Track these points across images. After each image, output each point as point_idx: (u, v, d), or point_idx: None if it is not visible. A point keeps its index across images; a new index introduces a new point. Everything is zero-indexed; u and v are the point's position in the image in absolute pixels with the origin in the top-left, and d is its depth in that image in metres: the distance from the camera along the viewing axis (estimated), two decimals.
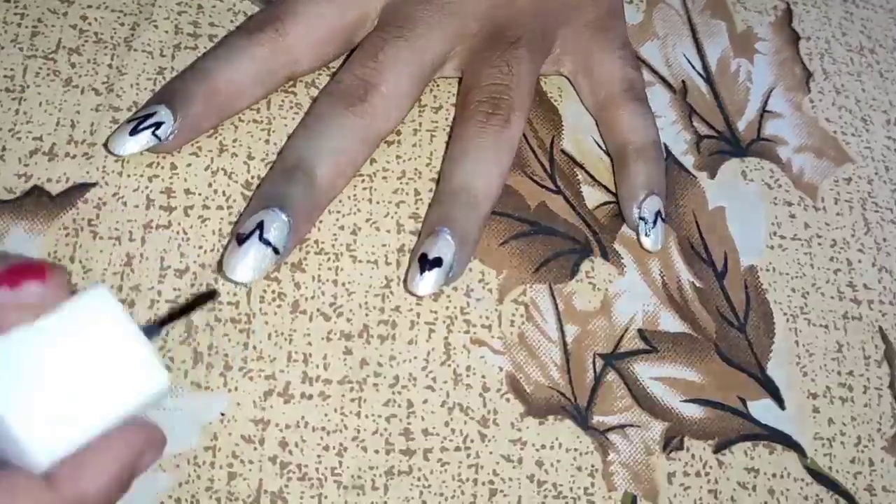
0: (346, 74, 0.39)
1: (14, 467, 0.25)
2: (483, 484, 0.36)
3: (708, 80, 0.48)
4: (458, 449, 0.36)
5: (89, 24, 0.41)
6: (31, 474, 0.24)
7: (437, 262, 0.36)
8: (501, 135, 0.39)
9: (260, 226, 0.35)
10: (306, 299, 0.37)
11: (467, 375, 0.37)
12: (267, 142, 0.40)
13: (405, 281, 0.38)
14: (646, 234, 0.40)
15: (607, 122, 0.43)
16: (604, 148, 0.44)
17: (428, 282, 0.36)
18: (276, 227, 0.35)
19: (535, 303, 0.39)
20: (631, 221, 0.41)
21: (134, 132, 0.36)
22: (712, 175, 0.44)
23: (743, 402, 0.39)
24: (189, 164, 0.39)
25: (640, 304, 0.40)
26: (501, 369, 0.38)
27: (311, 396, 0.36)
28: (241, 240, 0.35)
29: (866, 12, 0.53)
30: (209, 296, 0.29)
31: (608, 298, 0.40)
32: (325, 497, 0.34)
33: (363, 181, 0.40)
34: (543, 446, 0.37)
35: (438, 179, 0.40)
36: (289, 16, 0.39)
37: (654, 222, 0.40)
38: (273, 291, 0.37)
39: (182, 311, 0.28)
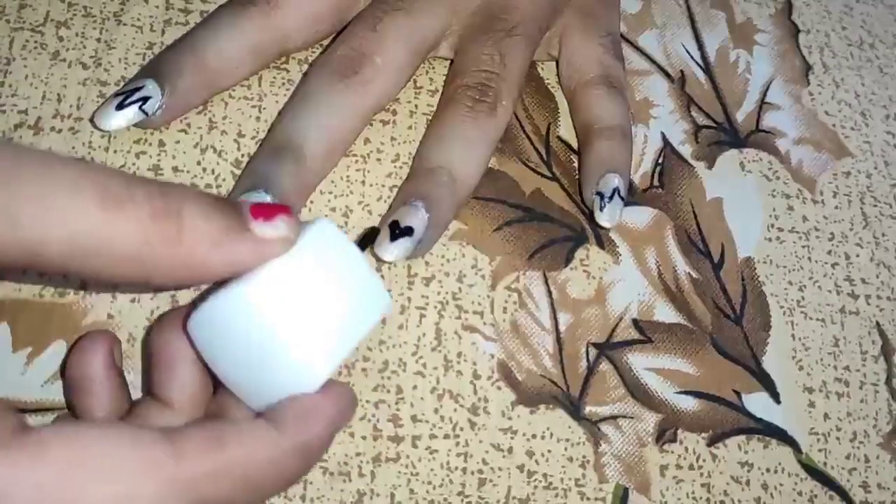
0: (341, 45, 0.38)
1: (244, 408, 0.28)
2: (472, 473, 0.35)
3: (707, 70, 0.47)
4: (447, 437, 0.35)
5: None
6: (262, 421, 0.26)
7: (408, 231, 0.36)
8: (486, 122, 0.38)
9: None
10: None
11: (458, 362, 0.36)
12: (258, 119, 0.39)
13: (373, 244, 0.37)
14: (600, 209, 0.39)
15: (577, 104, 0.42)
16: None
17: (396, 249, 0.36)
18: None
19: (529, 290, 0.38)
20: (588, 198, 0.40)
21: (121, 106, 0.36)
22: (710, 165, 0.44)
23: (738, 395, 0.39)
24: (178, 141, 0.38)
25: (635, 294, 0.40)
26: (493, 356, 0.37)
27: None
28: None
29: (866, 7, 0.53)
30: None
31: (603, 287, 0.39)
32: (311, 483, 0.33)
33: (357, 162, 0.39)
34: (534, 436, 0.36)
35: (415, 157, 0.39)
36: None
37: (611, 198, 0.39)
38: None
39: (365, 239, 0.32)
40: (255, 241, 0.26)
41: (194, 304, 0.27)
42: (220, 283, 0.27)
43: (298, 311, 0.26)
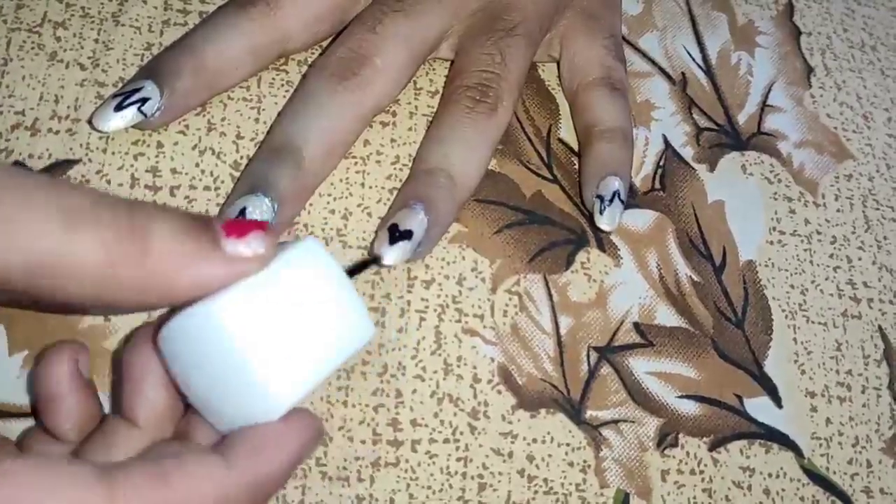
0: (340, 47, 0.37)
1: (200, 435, 0.27)
2: (472, 478, 0.35)
3: (708, 72, 0.47)
4: (447, 441, 0.35)
5: None
6: (211, 454, 0.25)
7: (407, 235, 0.35)
8: (486, 123, 0.38)
9: (242, 212, 0.34)
10: None
11: (458, 366, 0.36)
12: (256, 121, 0.39)
13: (371, 246, 0.37)
14: (600, 212, 0.39)
15: (578, 106, 0.42)
16: None
17: (395, 252, 0.35)
18: (260, 213, 0.34)
19: (529, 293, 0.38)
20: (588, 200, 0.40)
21: (119, 108, 0.35)
22: (712, 168, 0.44)
23: (739, 399, 0.38)
24: (176, 143, 0.38)
25: (636, 297, 0.39)
26: (493, 360, 0.37)
27: None
28: None
29: (868, 10, 0.53)
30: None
31: (604, 290, 0.39)
32: (310, 488, 0.33)
33: (356, 164, 0.39)
34: (535, 440, 0.36)
35: (414, 159, 0.39)
36: None
37: (611, 201, 0.39)
38: None
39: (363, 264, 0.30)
40: (226, 260, 0.25)
41: (166, 318, 0.26)
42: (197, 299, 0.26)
43: (266, 332, 0.25)
